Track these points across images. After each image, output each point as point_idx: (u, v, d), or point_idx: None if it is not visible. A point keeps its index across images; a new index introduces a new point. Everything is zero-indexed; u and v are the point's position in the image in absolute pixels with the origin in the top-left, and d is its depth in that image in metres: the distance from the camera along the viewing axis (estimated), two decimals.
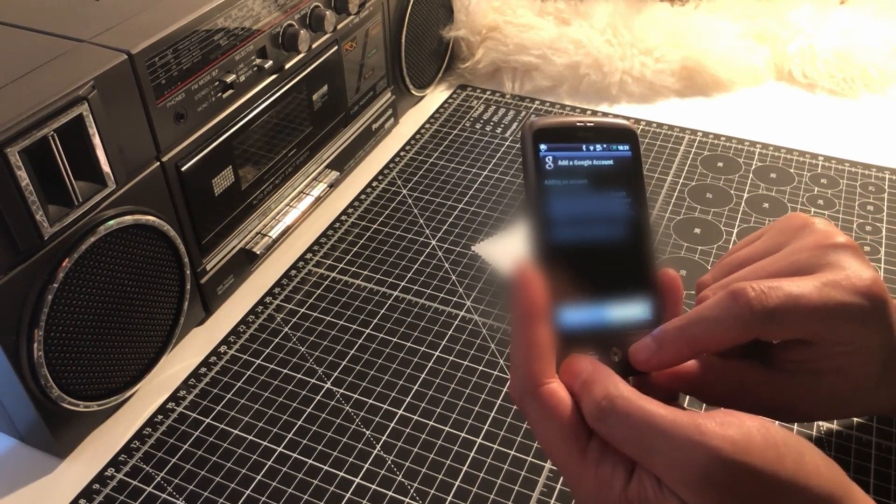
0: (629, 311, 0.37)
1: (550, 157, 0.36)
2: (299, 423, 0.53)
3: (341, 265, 0.66)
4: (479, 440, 0.52)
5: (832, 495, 0.31)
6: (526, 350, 0.34)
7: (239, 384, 0.56)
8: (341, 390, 0.55)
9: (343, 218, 0.71)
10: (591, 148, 0.37)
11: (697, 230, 0.68)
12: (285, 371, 0.57)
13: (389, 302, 0.62)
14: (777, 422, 0.41)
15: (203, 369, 0.58)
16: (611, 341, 0.36)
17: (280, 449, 0.52)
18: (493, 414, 0.53)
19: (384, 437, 0.52)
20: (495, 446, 0.51)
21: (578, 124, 0.37)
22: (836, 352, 0.37)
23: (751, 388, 0.37)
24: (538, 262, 0.35)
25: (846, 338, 0.36)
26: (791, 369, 0.37)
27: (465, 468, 0.50)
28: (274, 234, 0.66)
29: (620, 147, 0.38)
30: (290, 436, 0.53)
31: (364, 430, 0.53)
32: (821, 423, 0.51)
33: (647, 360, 0.36)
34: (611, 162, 0.38)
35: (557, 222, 0.36)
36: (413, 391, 0.55)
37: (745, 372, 0.38)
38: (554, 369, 0.34)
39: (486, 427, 0.53)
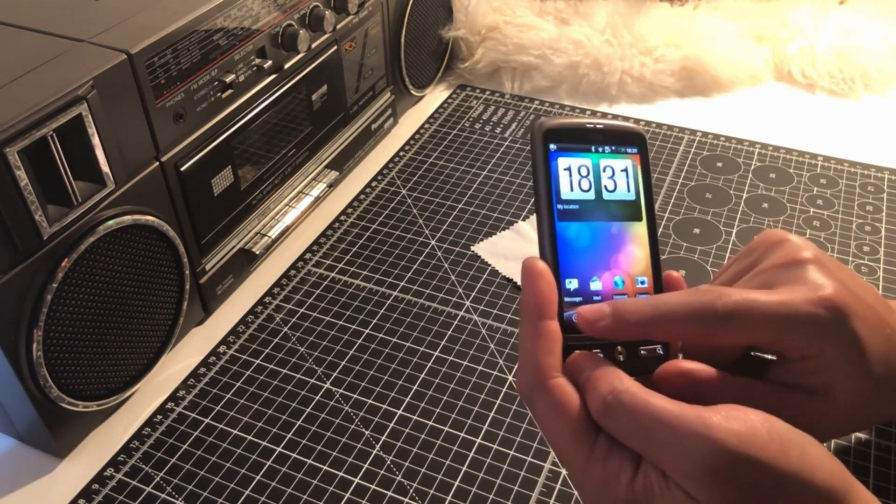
0: None
1: (560, 157, 0.37)
2: (298, 422, 0.53)
3: (340, 265, 0.66)
4: (478, 440, 0.52)
5: (835, 490, 0.31)
6: (535, 344, 0.34)
7: (238, 384, 0.56)
8: (340, 390, 0.55)
9: (342, 218, 0.71)
10: (600, 149, 0.38)
11: (697, 230, 0.68)
12: (284, 371, 0.57)
13: (389, 302, 0.62)
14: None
15: (202, 369, 0.58)
16: (616, 340, 0.36)
17: (279, 449, 0.52)
18: (492, 414, 0.53)
19: (383, 437, 0.52)
20: (495, 446, 0.51)
21: (588, 126, 0.38)
22: (808, 367, 0.36)
23: (754, 402, 0.37)
24: (547, 259, 0.36)
25: (807, 349, 0.36)
26: (789, 385, 0.37)
27: (464, 468, 0.50)
28: (273, 233, 0.66)
29: (629, 149, 0.38)
30: (289, 436, 0.53)
31: (363, 429, 0.53)
32: None
33: (593, 325, 0.35)
34: (619, 164, 0.38)
35: (566, 220, 0.36)
36: (412, 391, 0.55)
37: (750, 386, 0.38)
38: (561, 365, 0.34)
39: (485, 427, 0.53)
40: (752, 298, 0.35)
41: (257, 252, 0.64)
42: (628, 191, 0.38)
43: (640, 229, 0.38)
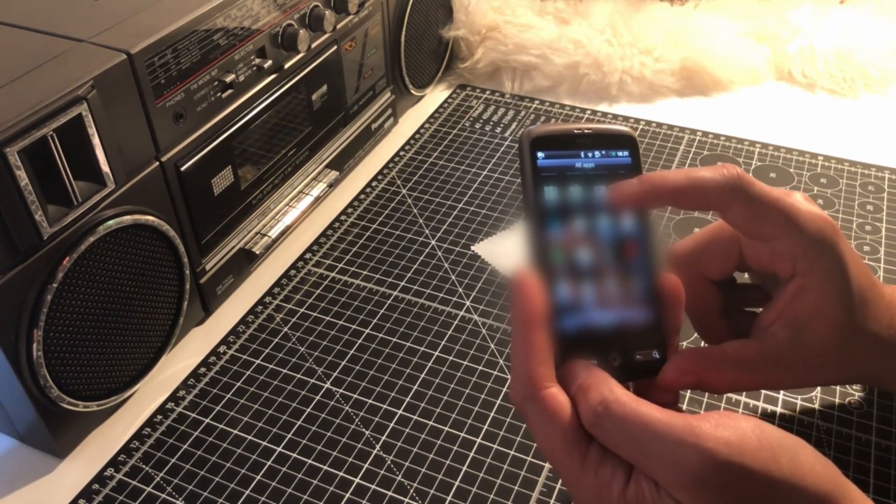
0: (629, 316, 0.37)
1: (548, 165, 0.36)
2: (299, 422, 0.53)
3: (341, 265, 0.66)
4: (478, 440, 0.52)
5: (828, 494, 0.31)
6: (525, 355, 0.34)
7: (238, 384, 0.56)
8: (341, 390, 0.55)
9: (342, 218, 0.71)
10: (590, 155, 0.37)
11: (697, 230, 0.68)
12: (285, 371, 0.57)
13: (389, 302, 0.62)
14: (773, 423, 0.41)
15: (202, 369, 0.58)
16: (610, 347, 0.36)
17: (279, 449, 0.52)
18: (492, 414, 0.53)
19: (384, 437, 0.52)
20: (495, 446, 0.51)
21: (576, 131, 0.37)
22: (797, 288, 0.38)
23: (752, 361, 0.39)
24: (537, 268, 0.35)
25: (801, 261, 0.38)
26: (776, 333, 0.39)
27: (464, 468, 0.50)
28: (273, 233, 0.66)
29: (619, 153, 0.38)
30: (289, 436, 0.53)
31: (363, 429, 0.53)
32: (820, 422, 0.51)
33: (621, 193, 0.37)
34: (610, 168, 0.38)
35: (555, 229, 0.36)
36: (412, 391, 0.55)
37: (742, 348, 0.39)
38: (554, 374, 0.34)
39: (485, 427, 0.53)
40: (768, 188, 0.38)
41: (257, 252, 0.64)
42: None
43: (633, 232, 0.37)
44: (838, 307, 0.38)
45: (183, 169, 0.56)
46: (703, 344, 0.50)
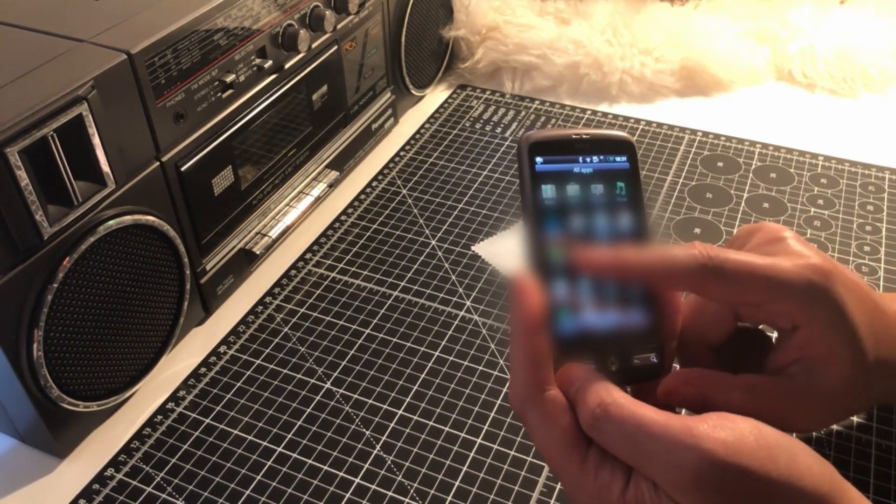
0: (626, 320, 0.37)
1: (546, 170, 0.37)
2: (299, 423, 0.53)
3: (341, 265, 0.66)
4: (478, 440, 0.52)
5: (826, 494, 0.31)
6: (524, 358, 0.34)
7: (239, 384, 0.56)
8: (341, 390, 0.55)
9: (343, 218, 0.71)
10: (588, 160, 0.37)
11: (697, 230, 0.68)
12: (285, 371, 0.57)
13: (389, 302, 0.62)
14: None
15: (203, 369, 0.58)
16: (608, 350, 0.36)
17: (280, 449, 0.52)
18: (492, 414, 0.53)
19: (384, 438, 0.52)
20: (495, 446, 0.51)
21: (574, 137, 0.37)
22: (804, 339, 0.37)
23: (764, 389, 0.37)
24: (535, 272, 0.36)
25: (798, 315, 0.37)
26: (793, 375, 0.37)
27: (464, 468, 0.50)
28: (274, 233, 0.66)
29: (617, 158, 0.38)
30: (289, 436, 0.53)
31: (364, 430, 0.53)
32: None
33: (587, 260, 0.36)
34: (608, 173, 0.38)
35: (554, 233, 0.36)
36: (413, 391, 0.55)
37: (754, 383, 0.38)
38: (553, 377, 0.35)
39: (485, 427, 0.53)
40: (744, 258, 0.36)
41: (258, 252, 0.64)
42: (618, 199, 0.38)
43: (631, 237, 0.37)
44: (850, 350, 0.37)
45: (183, 169, 0.56)
46: None
